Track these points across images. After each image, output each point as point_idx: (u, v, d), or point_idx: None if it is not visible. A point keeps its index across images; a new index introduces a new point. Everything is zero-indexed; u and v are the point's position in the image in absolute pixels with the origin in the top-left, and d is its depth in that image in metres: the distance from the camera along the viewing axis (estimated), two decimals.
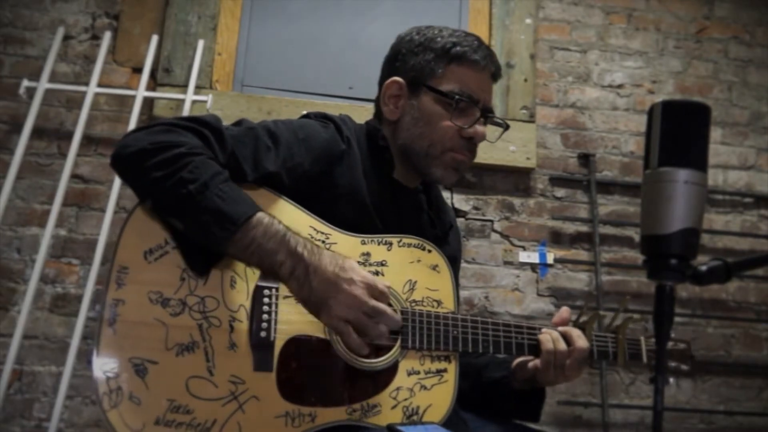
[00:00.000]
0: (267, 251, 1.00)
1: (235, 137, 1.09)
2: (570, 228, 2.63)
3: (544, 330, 1.21)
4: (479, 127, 1.22)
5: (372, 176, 1.22)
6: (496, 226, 2.59)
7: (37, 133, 2.33)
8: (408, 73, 1.25)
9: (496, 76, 1.27)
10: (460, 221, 2.57)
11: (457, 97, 1.20)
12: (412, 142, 1.23)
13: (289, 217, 1.10)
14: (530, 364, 1.21)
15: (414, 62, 1.24)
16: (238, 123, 1.16)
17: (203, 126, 1.06)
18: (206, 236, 0.99)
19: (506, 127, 1.31)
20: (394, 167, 1.27)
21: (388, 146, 1.26)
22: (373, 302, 1.02)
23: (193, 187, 0.98)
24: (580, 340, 1.19)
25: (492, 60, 1.25)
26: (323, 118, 1.25)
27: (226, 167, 1.05)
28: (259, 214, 1.01)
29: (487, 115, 1.24)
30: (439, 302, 1.17)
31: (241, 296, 1.04)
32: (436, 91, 1.21)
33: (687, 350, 1.33)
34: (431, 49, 1.23)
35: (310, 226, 1.12)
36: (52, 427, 1.98)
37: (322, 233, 1.12)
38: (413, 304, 1.14)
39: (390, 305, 1.11)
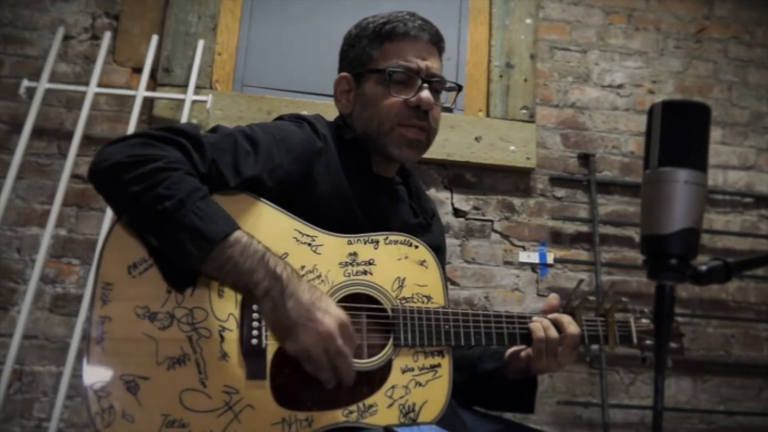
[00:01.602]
0: (244, 270, 0.98)
1: (214, 144, 1.08)
2: (570, 228, 2.63)
3: (534, 318, 1.22)
4: (423, 94, 1.21)
5: (350, 171, 1.22)
6: (496, 226, 2.59)
7: (37, 133, 2.33)
8: (351, 66, 1.28)
9: (436, 42, 1.27)
10: (460, 221, 2.57)
11: (388, 70, 1.21)
12: (366, 128, 1.25)
13: (274, 222, 1.09)
14: (523, 354, 1.22)
15: (354, 54, 1.28)
16: (214, 130, 1.14)
17: (181, 135, 1.04)
18: (182, 254, 0.97)
19: (459, 89, 1.31)
20: (371, 159, 1.27)
21: (355, 137, 1.26)
22: (341, 343, 0.99)
23: (169, 204, 0.95)
24: (571, 326, 1.21)
25: (425, 27, 1.25)
26: (297, 118, 1.25)
27: (207, 175, 1.04)
28: (237, 233, 0.99)
29: (430, 81, 1.23)
30: (428, 297, 1.16)
31: (230, 305, 1.03)
32: (373, 71, 1.23)
33: (675, 329, 1.34)
34: (365, 36, 1.26)
35: (295, 229, 1.11)
36: (52, 427, 1.98)
37: (308, 236, 1.11)
38: (403, 301, 1.14)
39: (379, 311, 1.11)
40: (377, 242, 1.16)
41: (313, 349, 0.98)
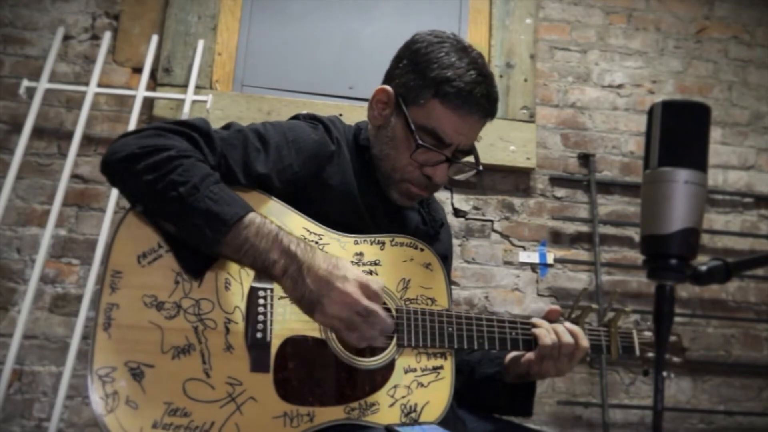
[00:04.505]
0: (260, 251, 0.99)
1: (225, 140, 1.09)
2: (570, 228, 2.63)
3: (539, 321, 1.21)
4: (439, 172, 1.18)
5: (362, 176, 1.23)
6: (496, 226, 2.59)
7: (37, 133, 2.33)
8: (399, 87, 1.21)
9: (489, 116, 1.20)
10: (460, 221, 2.57)
11: (419, 142, 1.15)
12: (380, 159, 1.23)
13: (282, 219, 1.10)
14: (523, 359, 1.22)
15: (406, 79, 1.19)
16: (227, 126, 1.15)
17: (192, 129, 1.06)
18: (198, 238, 0.99)
19: (478, 171, 1.25)
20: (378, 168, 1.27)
21: (369, 147, 1.26)
22: (366, 302, 1.00)
23: (183, 190, 0.97)
24: (584, 341, 1.21)
25: (483, 103, 1.16)
26: (312, 119, 1.25)
27: (216, 170, 1.05)
28: (251, 215, 1.01)
29: (457, 156, 1.20)
30: (433, 300, 1.17)
31: (236, 298, 1.05)
32: (408, 123, 1.17)
33: (678, 342, 1.34)
34: (424, 74, 1.16)
35: (303, 227, 1.12)
36: (52, 427, 1.98)
37: (315, 234, 1.13)
38: (407, 303, 1.15)
39: (384, 306, 1.11)
40: (383, 243, 1.17)
41: (343, 316, 0.99)
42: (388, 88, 1.22)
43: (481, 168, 1.24)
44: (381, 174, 1.24)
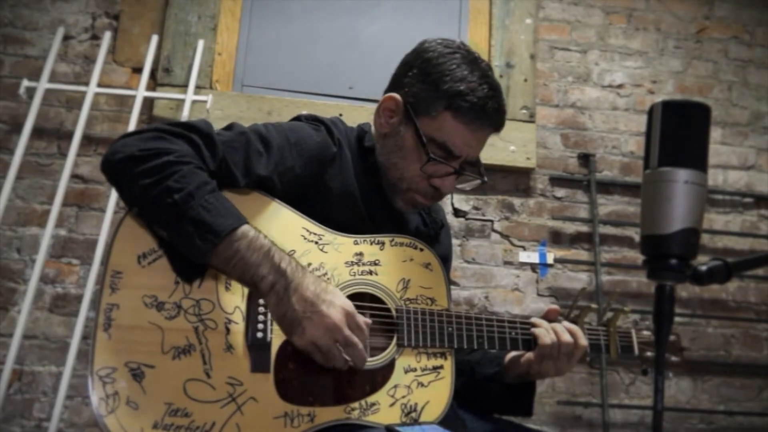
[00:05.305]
0: (250, 264, 0.98)
1: (226, 142, 1.08)
2: (570, 228, 2.63)
3: (539, 321, 1.21)
4: (447, 182, 1.19)
5: (363, 178, 1.23)
6: (496, 226, 2.59)
7: (37, 133, 2.33)
8: (408, 96, 1.19)
9: (499, 128, 1.21)
10: (460, 221, 2.57)
11: (431, 155, 1.15)
12: (386, 168, 1.23)
13: (282, 220, 1.10)
14: (523, 359, 1.23)
15: (417, 89, 1.18)
16: (229, 127, 1.14)
17: (194, 132, 1.05)
18: (189, 247, 0.98)
19: (483, 182, 1.25)
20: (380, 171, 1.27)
21: (373, 149, 1.25)
22: (348, 332, 0.99)
23: (178, 197, 0.96)
24: (583, 340, 1.21)
25: (493, 117, 1.17)
26: (314, 120, 1.24)
27: (216, 173, 1.04)
28: (245, 227, 0.99)
29: (464, 168, 1.20)
30: (432, 300, 1.17)
31: (236, 298, 1.05)
32: (419, 134, 1.17)
33: (677, 342, 1.35)
34: (436, 86, 1.16)
35: (303, 227, 1.12)
36: (52, 427, 1.98)
37: (314, 234, 1.13)
38: (407, 303, 1.15)
39: (384, 307, 1.12)
40: (383, 243, 1.17)
41: (321, 342, 0.99)
42: (397, 96, 1.21)
43: (486, 180, 1.25)
44: (387, 182, 1.23)
